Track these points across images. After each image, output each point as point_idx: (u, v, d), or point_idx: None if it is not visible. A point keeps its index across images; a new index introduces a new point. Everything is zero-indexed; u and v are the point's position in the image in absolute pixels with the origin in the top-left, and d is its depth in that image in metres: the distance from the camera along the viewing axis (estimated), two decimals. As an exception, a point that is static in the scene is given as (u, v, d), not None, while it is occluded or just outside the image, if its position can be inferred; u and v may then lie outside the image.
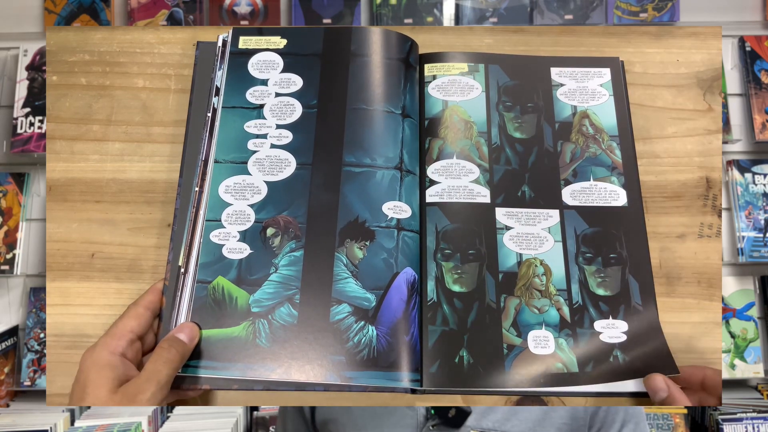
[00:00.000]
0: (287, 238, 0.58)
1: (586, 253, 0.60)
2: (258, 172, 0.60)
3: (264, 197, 0.59)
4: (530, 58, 0.68)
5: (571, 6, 1.45)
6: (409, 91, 0.64)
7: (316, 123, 0.62)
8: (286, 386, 0.54)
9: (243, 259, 0.57)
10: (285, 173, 0.60)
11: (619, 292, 0.59)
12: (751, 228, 1.41)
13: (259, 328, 0.55)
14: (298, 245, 0.58)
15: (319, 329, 0.55)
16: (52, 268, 0.62)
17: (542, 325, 0.57)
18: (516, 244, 0.60)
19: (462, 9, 1.45)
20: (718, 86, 0.68)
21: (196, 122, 0.63)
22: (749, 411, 1.33)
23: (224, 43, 0.65)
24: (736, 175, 1.43)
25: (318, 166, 0.60)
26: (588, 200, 0.62)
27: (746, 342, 1.41)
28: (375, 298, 0.56)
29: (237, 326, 0.55)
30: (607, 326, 0.57)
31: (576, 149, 0.64)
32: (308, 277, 0.57)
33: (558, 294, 0.59)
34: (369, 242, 0.58)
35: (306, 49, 0.65)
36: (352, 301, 0.56)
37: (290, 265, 0.57)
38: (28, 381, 1.38)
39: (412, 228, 0.59)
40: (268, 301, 0.56)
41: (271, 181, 0.60)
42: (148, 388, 0.48)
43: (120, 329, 0.52)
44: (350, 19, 1.45)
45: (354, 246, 0.58)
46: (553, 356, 0.56)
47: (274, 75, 0.64)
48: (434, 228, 0.60)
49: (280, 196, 0.59)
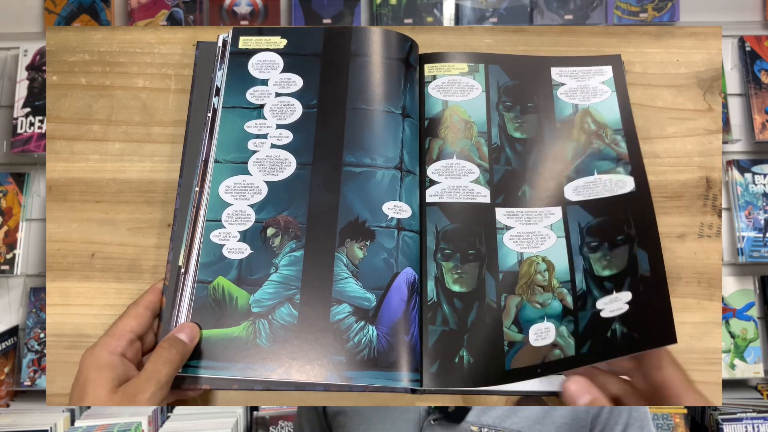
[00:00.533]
0: (287, 238, 0.58)
1: (591, 243, 0.59)
2: (258, 172, 0.60)
3: (264, 197, 0.59)
4: (530, 58, 0.68)
5: (571, 6, 1.45)
6: (409, 91, 0.64)
7: (317, 123, 0.62)
8: (286, 386, 0.54)
9: (243, 259, 0.57)
10: (285, 173, 0.60)
11: (626, 267, 0.57)
12: (751, 228, 1.41)
13: (259, 328, 0.55)
14: (298, 245, 0.58)
15: (320, 329, 0.55)
16: (52, 268, 0.62)
17: (544, 318, 0.57)
18: (516, 243, 0.60)
19: (462, 9, 1.45)
20: (718, 86, 0.68)
21: (196, 122, 0.63)
22: (749, 411, 1.33)
23: (224, 43, 0.65)
24: (736, 175, 1.43)
25: (318, 166, 0.60)
26: (592, 194, 0.61)
27: (746, 342, 1.41)
28: (375, 298, 0.56)
29: (237, 326, 0.55)
30: (609, 302, 0.56)
31: (578, 147, 0.64)
32: (308, 277, 0.57)
33: (561, 286, 0.58)
34: (369, 242, 0.58)
35: (306, 49, 0.65)
36: (353, 301, 0.56)
37: (290, 265, 0.57)
38: (28, 381, 1.38)
39: (412, 228, 0.59)
40: (269, 301, 0.56)
41: (271, 181, 0.60)
42: (148, 387, 0.48)
43: (120, 329, 0.52)
44: (350, 19, 1.45)
45: (354, 246, 0.58)
46: (553, 344, 0.56)
47: (274, 75, 0.64)
48: (434, 228, 0.60)
49: (280, 196, 0.59)
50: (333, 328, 0.55)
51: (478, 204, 0.61)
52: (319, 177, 0.60)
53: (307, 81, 0.63)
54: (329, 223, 0.58)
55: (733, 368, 1.40)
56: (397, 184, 0.60)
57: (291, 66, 0.64)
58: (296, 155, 0.61)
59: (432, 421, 0.66)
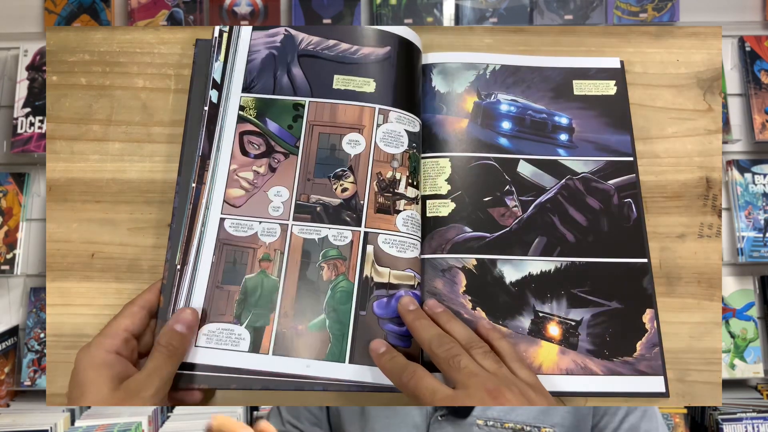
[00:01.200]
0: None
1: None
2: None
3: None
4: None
5: (571, 6, 1.45)
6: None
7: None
8: (285, 386, 0.54)
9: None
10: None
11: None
12: (751, 228, 1.41)
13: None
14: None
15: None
16: (52, 268, 0.62)
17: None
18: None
19: (462, 9, 1.45)
20: (718, 86, 0.68)
21: (194, 118, 0.62)
22: (749, 411, 1.33)
23: (221, 34, 0.64)
24: (736, 175, 1.43)
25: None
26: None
27: (746, 342, 1.41)
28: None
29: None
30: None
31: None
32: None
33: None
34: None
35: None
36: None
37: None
38: (28, 381, 1.38)
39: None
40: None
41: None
42: (151, 384, 0.48)
43: (114, 328, 0.52)
44: (350, 19, 1.45)
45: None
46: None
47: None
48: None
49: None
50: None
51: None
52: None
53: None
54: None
55: (733, 368, 1.40)
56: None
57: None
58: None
59: (439, 416, 0.67)
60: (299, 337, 0.55)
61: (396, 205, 0.59)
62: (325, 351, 0.54)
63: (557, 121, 0.65)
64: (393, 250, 0.57)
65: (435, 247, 0.60)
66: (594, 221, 0.61)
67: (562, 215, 0.62)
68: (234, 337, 0.55)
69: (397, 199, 0.59)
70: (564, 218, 0.61)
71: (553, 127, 0.65)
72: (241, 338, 0.55)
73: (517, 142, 0.64)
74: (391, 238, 0.57)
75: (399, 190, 0.59)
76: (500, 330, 0.57)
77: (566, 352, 0.58)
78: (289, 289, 0.56)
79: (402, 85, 0.63)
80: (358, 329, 0.55)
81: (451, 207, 0.61)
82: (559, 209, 0.62)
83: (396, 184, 0.59)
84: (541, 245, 0.60)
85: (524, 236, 0.61)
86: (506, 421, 0.65)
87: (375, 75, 0.62)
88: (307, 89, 0.62)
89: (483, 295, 0.58)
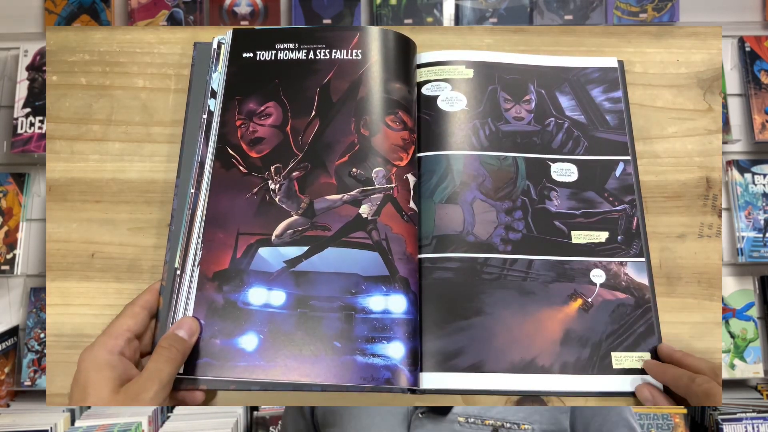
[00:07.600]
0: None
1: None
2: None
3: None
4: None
5: (571, 6, 1.45)
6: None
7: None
8: (284, 386, 0.54)
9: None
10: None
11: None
12: (751, 228, 1.41)
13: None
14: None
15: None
16: (52, 268, 0.62)
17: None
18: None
19: (462, 9, 1.45)
20: (718, 86, 0.68)
21: (193, 123, 0.63)
22: (749, 411, 1.33)
23: (219, 45, 0.65)
24: (736, 175, 1.43)
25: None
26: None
27: (746, 342, 1.41)
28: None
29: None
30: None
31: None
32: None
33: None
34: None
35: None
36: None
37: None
38: (29, 381, 1.38)
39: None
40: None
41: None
42: (151, 386, 0.48)
43: (117, 328, 0.52)
44: (350, 19, 1.45)
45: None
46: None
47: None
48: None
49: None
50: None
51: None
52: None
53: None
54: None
55: (732, 368, 1.40)
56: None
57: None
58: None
59: (420, 414, 0.67)
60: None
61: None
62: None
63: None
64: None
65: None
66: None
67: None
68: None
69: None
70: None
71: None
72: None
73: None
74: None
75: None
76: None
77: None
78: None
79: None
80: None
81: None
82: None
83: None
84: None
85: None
86: (486, 418, 0.66)
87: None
88: None
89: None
